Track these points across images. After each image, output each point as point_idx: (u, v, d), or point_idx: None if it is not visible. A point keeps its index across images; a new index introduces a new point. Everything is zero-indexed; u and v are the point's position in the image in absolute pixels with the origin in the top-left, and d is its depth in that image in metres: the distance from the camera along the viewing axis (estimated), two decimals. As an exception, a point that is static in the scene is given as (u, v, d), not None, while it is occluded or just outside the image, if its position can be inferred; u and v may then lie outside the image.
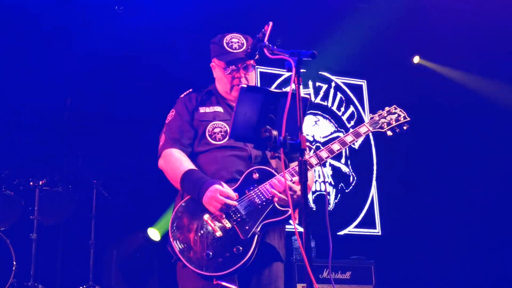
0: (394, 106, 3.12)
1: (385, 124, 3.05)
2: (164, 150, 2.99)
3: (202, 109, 3.04)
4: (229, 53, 3.00)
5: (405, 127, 3.07)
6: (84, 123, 6.48)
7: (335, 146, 2.93)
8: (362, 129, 3.02)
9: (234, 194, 2.78)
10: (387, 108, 3.12)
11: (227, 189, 2.78)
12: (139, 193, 6.51)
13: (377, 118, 3.07)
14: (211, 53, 3.14)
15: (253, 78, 3.09)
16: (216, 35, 3.13)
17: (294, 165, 2.93)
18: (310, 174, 2.81)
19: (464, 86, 7.93)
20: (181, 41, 6.77)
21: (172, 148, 2.97)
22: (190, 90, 3.18)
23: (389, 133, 3.05)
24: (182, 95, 3.16)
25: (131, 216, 6.46)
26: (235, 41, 3.02)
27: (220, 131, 2.98)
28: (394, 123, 3.06)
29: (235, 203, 2.76)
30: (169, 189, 3.21)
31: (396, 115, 3.08)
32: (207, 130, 2.98)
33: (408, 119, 3.08)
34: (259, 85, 3.54)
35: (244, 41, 3.02)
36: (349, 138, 2.98)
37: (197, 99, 3.09)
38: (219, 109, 3.05)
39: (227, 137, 2.93)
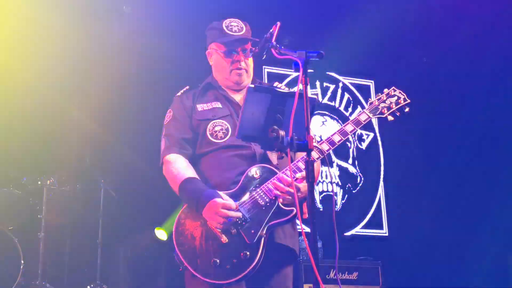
0: (393, 88, 3.05)
1: (385, 109, 2.98)
2: (165, 156, 2.93)
3: (200, 107, 2.99)
4: (229, 35, 2.99)
5: (406, 110, 2.99)
6: (91, 121, 6.50)
7: (336, 137, 2.86)
8: (362, 117, 2.95)
9: (234, 204, 2.71)
10: (386, 91, 3.05)
11: (226, 200, 2.70)
12: (146, 193, 6.51)
13: (377, 103, 3.01)
14: (207, 40, 3.12)
15: (251, 63, 3.07)
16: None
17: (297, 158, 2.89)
18: (316, 165, 2.70)
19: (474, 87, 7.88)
20: (181, 41, 6.77)
21: (173, 153, 2.91)
22: (187, 87, 3.13)
23: (390, 118, 2.97)
24: (179, 94, 3.10)
25: (138, 216, 6.46)
26: (235, 25, 3.02)
27: (221, 129, 2.91)
28: (394, 107, 2.98)
29: (238, 214, 2.69)
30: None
31: (396, 97, 3.02)
32: (207, 130, 2.93)
33: (408, 101, 3.00)
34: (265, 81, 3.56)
35: (243, 26, 3.03)
36: (349, 128, 2.90)
37: (194, 97, 3.05)
38: (217, 104, 3.00)
39: (229, 135, 2.90)
